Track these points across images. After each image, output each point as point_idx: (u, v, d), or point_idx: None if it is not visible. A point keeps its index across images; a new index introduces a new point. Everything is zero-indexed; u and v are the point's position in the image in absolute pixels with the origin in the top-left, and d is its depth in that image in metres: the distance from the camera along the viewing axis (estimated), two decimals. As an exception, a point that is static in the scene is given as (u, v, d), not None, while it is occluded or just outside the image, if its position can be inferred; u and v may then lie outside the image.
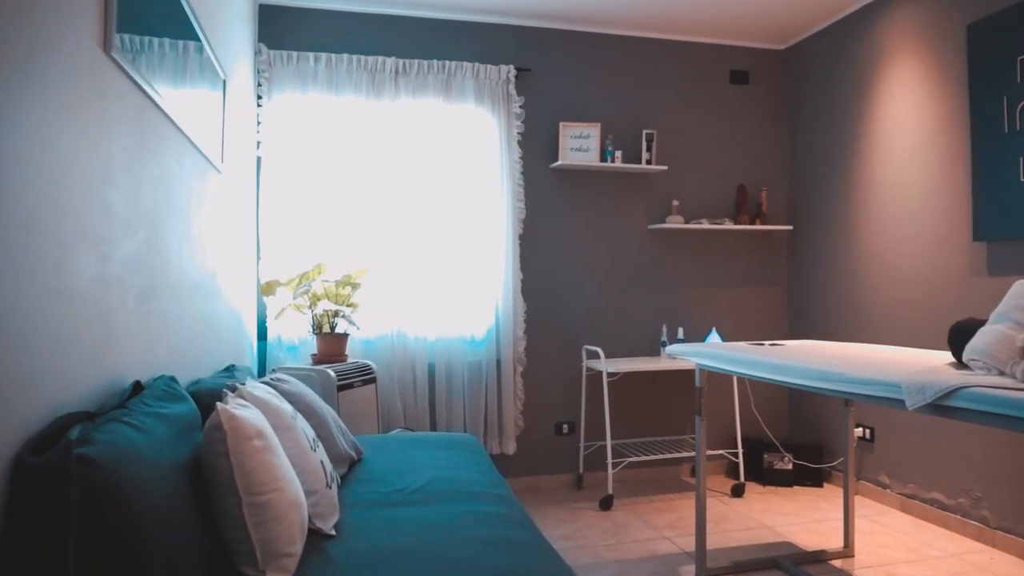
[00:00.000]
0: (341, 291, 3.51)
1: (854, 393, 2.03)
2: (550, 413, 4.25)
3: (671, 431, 4.46)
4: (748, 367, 2.51)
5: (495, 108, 4.08)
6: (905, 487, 3.72)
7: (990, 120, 3.20)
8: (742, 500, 3.97)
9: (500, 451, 4.04)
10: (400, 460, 2.41)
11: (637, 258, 4.41)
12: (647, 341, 4.42)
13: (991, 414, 1.67)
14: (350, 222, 3.86)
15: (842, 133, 4.18)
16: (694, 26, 4.33)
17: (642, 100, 4.43)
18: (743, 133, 4.62)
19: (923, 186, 3.62)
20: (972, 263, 3.35)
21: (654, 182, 4.45)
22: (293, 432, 1.67)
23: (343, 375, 3.22)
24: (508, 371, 4.05)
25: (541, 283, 4.24)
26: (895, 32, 3.78)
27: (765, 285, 4.65)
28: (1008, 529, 3.17)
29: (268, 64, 3.74)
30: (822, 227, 4.36)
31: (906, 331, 3.72)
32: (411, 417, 3.88)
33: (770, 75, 4.68)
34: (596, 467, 4.30)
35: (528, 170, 4.21)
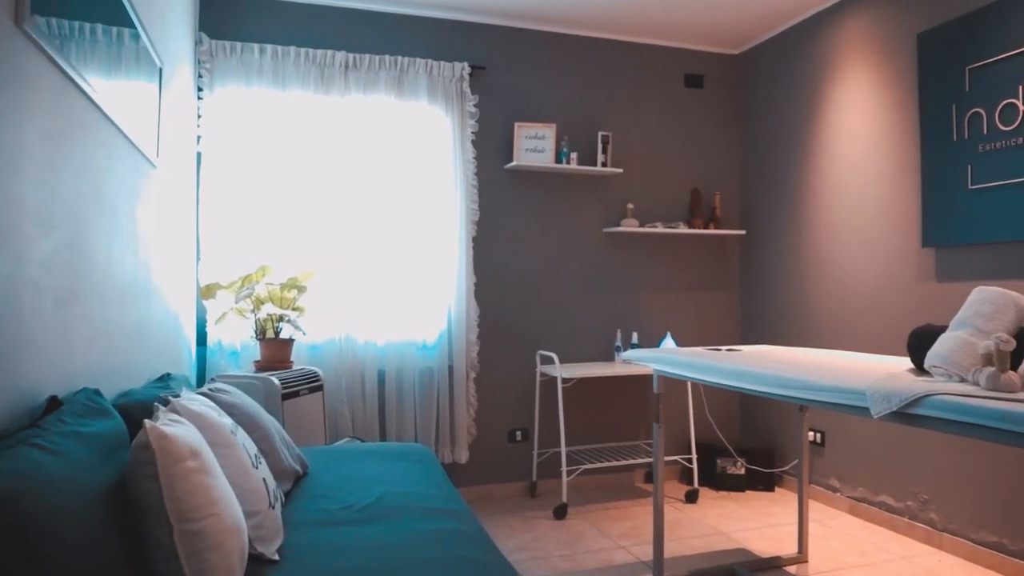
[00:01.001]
0: (286, 294, 3.35)
1: (818, 401, 2.00)
2: (503, 420, 4.16)
3: (625, 436, 4.42)
4: (709, 374, 2.46)
5: (448, 106, 3.97)
6: (855, 490, 3.75)
7: (939, 128, 3.25)
8: (696, 506, 3.95)
9: (452, 460, 3.93)
10: (349, 473, 2.28)
11: (592, 261, 4.36)
12: (601, 346, 4.37)
13: (956, 422, 1.64)
14: (296, 223, 3.70)
15: (794, 139, 4.22)
16: (650, 28, 4.31)
17: (598, 101, 4.38)
18: (697, 137, 4.62)
19: (874, 192, 3.66)
20: (921, 269, 3.39)
21: (609, 185, 4.40)
22: (233, 449, 1.54)
23: (288, 383, 3.06)
24: (461, 377, 3.95)
25: (495, 286, 4.15)
26: (847, 39, 3.82)
27: (718, 290, 4.65)
28: (954, 531, 3.21)
29: (210, 55, 3.55)
30: (774, 232, 4.39)
31: (856, 336, 3.76)
32: (360, 426, 3.74)
33: (724, 79, 4.69)
34: (550, 474, 4.22)
35: (482, 171, 4.11)
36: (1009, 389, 1.68)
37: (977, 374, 1.78)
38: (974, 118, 3.09)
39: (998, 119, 2.99)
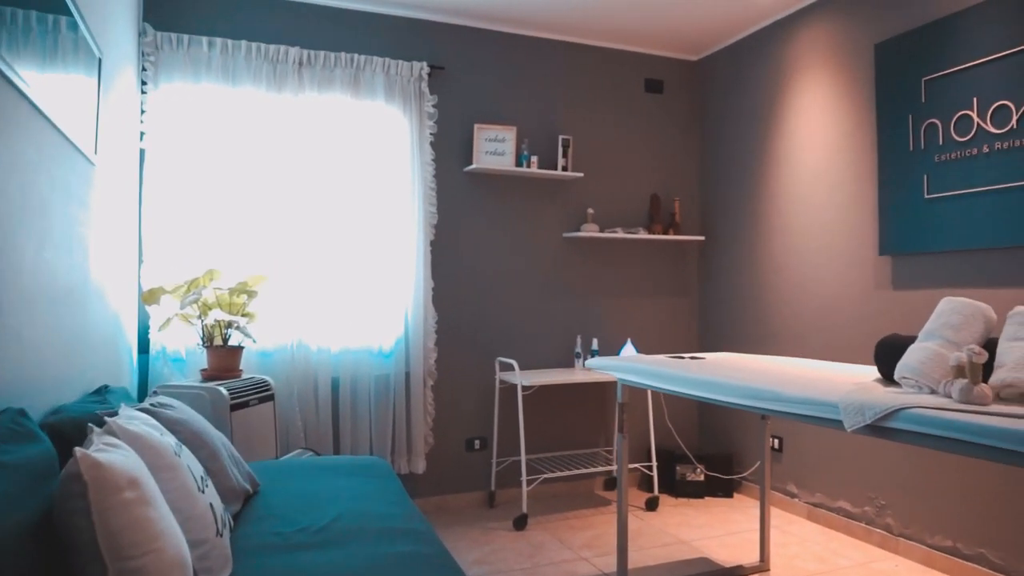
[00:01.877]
0: (235, 299, 3.20)
1: (790, 413, 1.97)
2: (462, 429, 4.06)
3: (584, 444, 4.36)
4: (677, 384, 2.42)
5: (407, 107, 3.86)
6: (813, 496, 3.77)
7: (896, 138, 3.29)
8: (656, 514, 3.92)
9: (409, 470, 3.81)
10: (303, 491, 2.15)
11: (552, 267, 4.30)
12: (561, 352, 4.31)
13: (931, 436, 1.62)
14: (247, 225, 3.54)
15: (753, 146, 4.23)
16: (611, 32, 4.28)
17: (559, 104, 4.33)
18: (657, 142, 4.61)
19: (831, 200, 3.69)
20: (877, 277, 3.43)
21: (570, 189, 4.35)
22: (177, 472, 1.41)
23: (237, 393, 2.91)
24: (418, 385, 3.84)
25: (454, 292, 4.05)
26: (805, 48, 3.85)
27: (677, 295, 4.64)
28: (910, 536, 3.25)
29: (155, 47, 3.37)
30: (733, 238, 4.40)
31: (814, 342, 3.78)
32: (312, 436, 3.60)
33: (684, 85, 4.69)
34: (508, 483, 4.14)
35: (441, 173, 4.01)
36: (981, 402, 1.67)
37: (948, 386, 1.76)
38: (930, 129, 3.13)
39: (953, 130, 3.03)
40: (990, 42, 2.89)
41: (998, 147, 2.86)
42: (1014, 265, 2.84)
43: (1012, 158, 2.81)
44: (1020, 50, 2.78)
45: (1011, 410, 1.59)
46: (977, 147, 2.94)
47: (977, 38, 2.94)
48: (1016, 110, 2.79)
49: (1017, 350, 1.74)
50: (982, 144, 2.92)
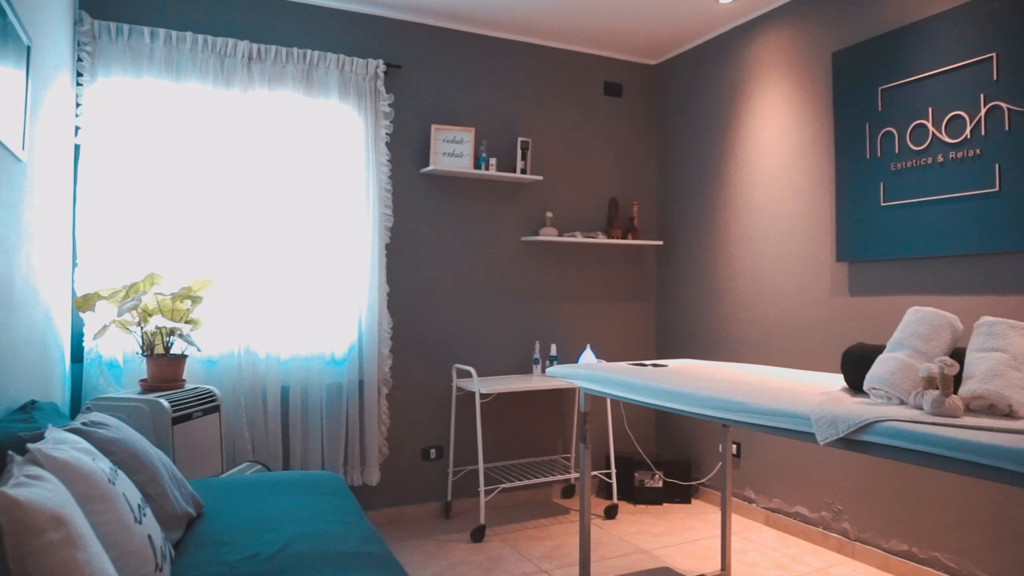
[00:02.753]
0: (179, 305, 3.02)
1: (759, 425, 1.93)
2: (417, 438, 3.94)
3: (542, 451, 4.30)
4: (643, 394, 2.36)
5: (361, 105, 3.74)
6: (770, 501, 3.78)
7: (853, 146, 3.31)
8: (616, 522, 3.87)
9: (363, 482, 3.68)
10: (251, 512, 2.02)
11: (510, 271, 4.22)
12: (519, 358, 4.23)
13: (905, 450, 1.59)
14: (191, 227, 3.36)
15: (711, 151, 4.23)
16: (570, 34, 4.22)
17: (517, 106, 4.25)
18: (616, 146, 4.58)
19: (789, 207, 3.70)
20: (835, 283, 3.45)
21: (528, 192, 4.28)
22: (111, 503, 1.28)
23: (180, 404, 2.74)
24: (372, 393, 3.71)
25: (409, 296, 3.93)
26: (764, 55, 3.86)
27: (636, 300, 4.62)
28: (866, 540, 3.27)
29: (92, 36, 3.17)
30: (691, 243, 4.39)
31: (771, 349, 3.79)
32: (261, 448, 3.44)
33: (642, 89, 4.67)
34: (465, 493, 4.04)
35: (397, 174, 3.89)
36: (953, 413, 1.65)
37: (919, 397, 1.75)
38: (886, 137, 3.16)
39: (909, 139, 3.06)
40: (945, 54, 2.93)
41: (952, 157, 2.90)
42: (967, 273, 2.88)
43: (965, 168, 2.85)
44: (973, 62, 2.82)
45: (982, 422, 1.58)
46: (932, 156, 2.97)
47: (932, 49, 2.97)
48: (970, 121, 2.83)
49: (985, 361, 1.73)
50: (937, 153, 2.95)
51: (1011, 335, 1.76)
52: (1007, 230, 2.72)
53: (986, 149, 2.78)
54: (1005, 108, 2.72)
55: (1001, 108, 2.73)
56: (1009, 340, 1.75)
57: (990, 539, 2.80)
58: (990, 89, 2.77)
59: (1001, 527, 2.76)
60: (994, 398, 1.66)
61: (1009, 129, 2.71)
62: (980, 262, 2.84)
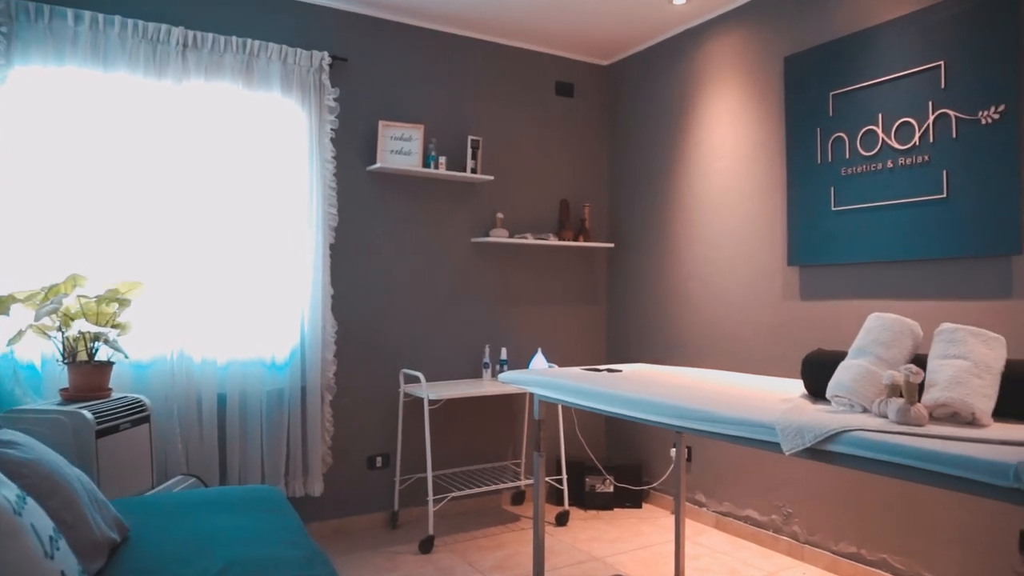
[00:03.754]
0: (104, 309, 2.81)
1: (723, 434, 1.87)
2: (363, 446, 3.79)
3: (491, 457, 4.20)
4: (601, 402, 2.29)
5: (305, 99, 3.57)
6: (721, 505, 3.77)
7: (805, 150, 3.32)
8: (567, 528, 3.81)
9: (305, 493, 3.51)
10: (182, 535, 1.86)
11: (460, 273, 4.11)
12: (469, 362, 4.12)
13: (873, 460, 1.56)
14: (120, 226, 3.14)
15: (663, 153, 4.21)
16: (522, 32, 4.14)
17: (468, 104, 4.15)
18: (568, 146, 4.52)
19: (741, 210, 3.70)
20: (786, 287, 3.46)
21: (479, 192, 4.18)
22: (16, 538, 1.13)
23: (105, 416, 2.55)
24: (315, 400, 3.54)
25: (355, 299, 3.78)
26: (716, 58, 3.85)
27: (587, 304, 4.57)
28: (816, 543, 3.28)
29: (8, 16, 2.93)
30: (642, 246, 4.37)
31: (723, 352, 3.78)
32: (196, 460, 3.24)
33: (594, 89, 4.63)
34: (412, 502, 3.91)
35: (342, 172, 3.74)
36: (918, 422, 1.62)
37: (883, 405, 1.72)
38: (837, 142, 3.18)
39: (859, 145, 3.08)
40: (894, 61, 2.95)
41: (902, 163, 2.93)
42: (916, 278, 2.91)
43: (914, 174, 2.88)
44: (922, 70, 2.85)
45: (947, 430, 1.56)
46: (882, 162, 3.00)
47: (882, 56, 3.00)
48: (918, 127, 2.86)
49: (948, 368, 1.72)
50: (887, 159, 2.98)
51: (972, 342, 1.75)
52: (955, 236, 2.75)
53: (934, 156, 2.82)
54: (952, 116, 2.75)
55: (949, 116, 2.77)
56: (970, 347, 1.73)
57: (936, 540, 2.83)
58: (938, 97, 2.81)
59: (946, 528, 2.80)
60: (958, 406, 1.64)
61: (956, 137, 2.75)
62: (928, 267, 2.87)
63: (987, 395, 1.66)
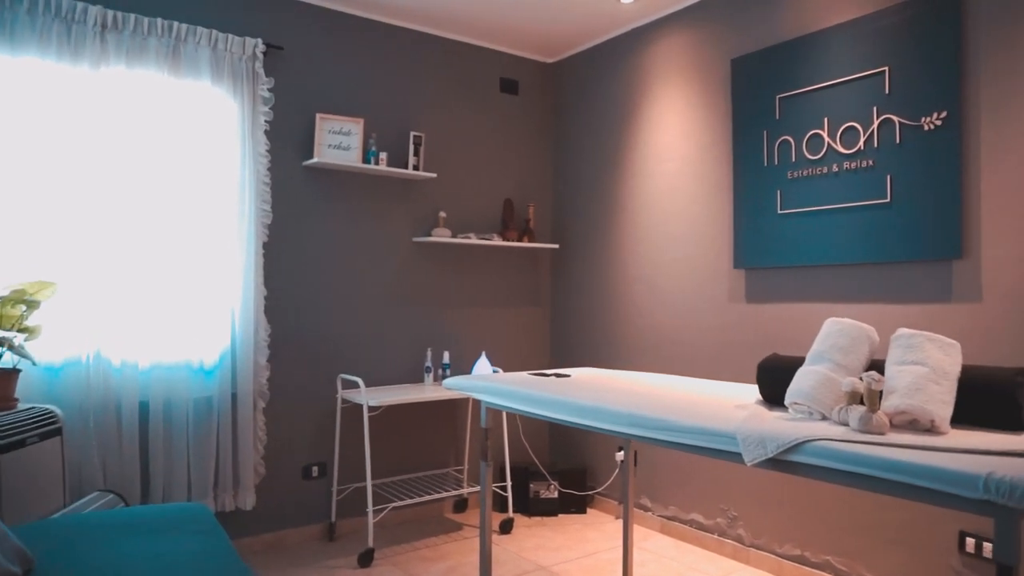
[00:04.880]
0: (9, 311, 2.56)
1: (680, 444, 1.81)
2: (298, 455, 3.61)
3: (433, 464, 4.07)
4: (553, 410, 2.20)
5: (237, 89, 3.36)
6: (666, 509, 3.75)
7: (751, 153, 3.32)
8: (511, 537, 3.71)
9: (235, 507, 3.31)
10: (96, 565, 1.68)
11: (401, 274, 3.96)
12: (410, 366, 3.98)
13: (836, 470, 1.51)
14: (28, 222, 2.88)
15: (608, 153, 4.17)
16: (466, 26, 4.03)
17: (411, 98, 4.00)
18: (512, 145, 4.43)
19: (687, 212, 3.68)
20: (732, 290, 3.45)
21: (421, 190, 4.04)
22: None
23: (9, 430, 2.31)
24: (247, 407, 3.34)
25: (290, 300, 3.59)
26: (663, 58, 3.83)
27: (531, 305, 4.49)
28: (761, 546, 3.29)
29: None
30: (587, 247, 4.31)
31: (669, 355, 3.76)
32: (115, 475, 3.00)
33: (539, 87, 4.55)
34: (350, 513, 3.75)
35: (277, 167, 3.54)
36: (880, 430, 1.59)
37: (844, 413, 1.68)
38: (784, 145, 3.19)
39: (806, 148, 3.09)
40: (840, 65, 2.97)
41: (847, 167, 2.95)
42: (861, 282, 2.94)
43: (859, 178, 2.91)
44: (867, 75, 2.87)
45: (906, 439, 1.53)
46: (827, 166, 3.01)
47: (828, 61, 3.01)
48: (863, 132, 2.89)
49: (907, 375, 1.69)
50: (832, 163, 3.00)
51: (929, 348, 1.73)
52: (898, 241, 2.78)
53: (879, 161, 2.84)
54: (896, 121, 2.78)
55: (892, 121, 2.80)
56: (927, 353, 1.72)
57: (878, 541, 2.86)
58: (882, 102, 2.83)
59: (888, 529, 2.83)
60: (917, 413, 1.62)
61: (900, 142, 2.78)
62: (873, 271, 2.90)
63: (946, 402, 1.64)
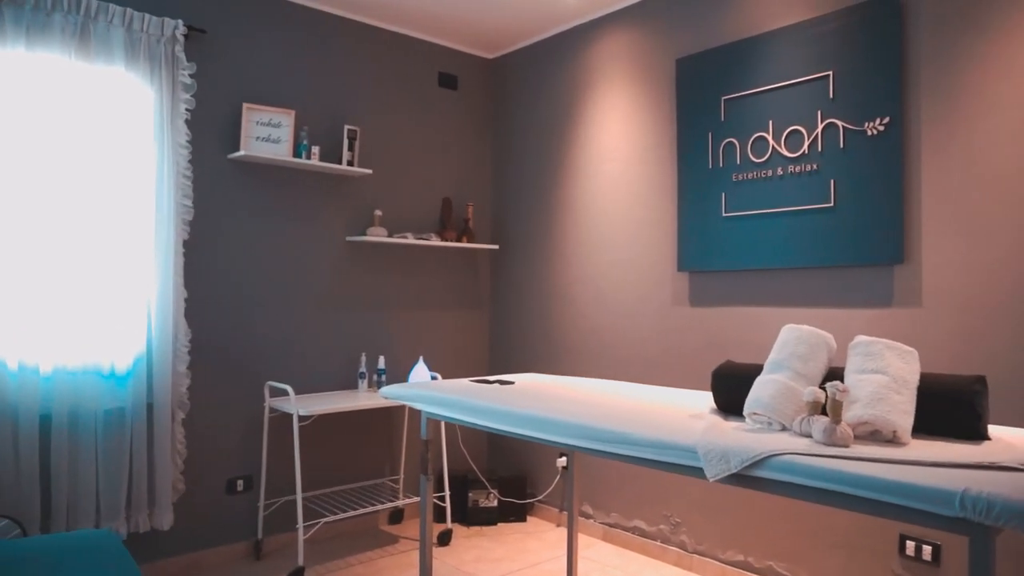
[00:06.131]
0: None
1: (637, 458, 1.71)
2: (221, 468, 3.37)
3: (367, 474, 3.88)
4: (499, 421, 2.07)
5: (154, 74, 3.10)
6: (608, 516, 3.68)
7: (696, 154, 3.28)
8: (450, 548, 3.57)
9: (151, 527, 3.05)
10: (-21, 611, 1.46)
11: (333, 275, 3.76)
12: (343, 372, 3.79)
13: (802, 486, 1.44)
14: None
15: (550, 153, 4.07)
16: (404, 17, 3.86)
17: (345, 90, 3.81)
18: (451, 142, 4.28)
19: (631, 214, 3.62)
20: (676, 293, 3.41)
21: (356, 187, 3.85)
22: None
23: None
24: (164, 418, 3.09)
25: (213, 303, 3.35)
26: (607, 57, 3.76)
27: (470, 308, 4.35)
28: (704, 552, 3.25)
29: None
30: (528, 248, 4.21)
31: (611, 358, 3.69)
32: (10, 498, 2.70)
33: (479, 84, 4.42)
34: (279, 529, 3.53)
35: (199, 159, 3.29)
36: (844, 443, 1.53)
37: (806, 424, 1.62)
38: (728, 148, 3.16)
39: (751, 151, 3.07)
40: (785, 68, 2.96)
41: (791, 171, 2.93)
42: (805, 286, 2.93)
43: (803, 182, 2.89)
44: (812, 79, 2.86)
45: (875, 452, 1.47)
46: (772, 169, 2.99)
47: (774, 63, 2.99)
48: (808, 136, 2.88)
49: (868, 384, 1.65)
50: (777, 166, 2.98)
51: (888, 356, 1.69)
52: (841, 245, 2.78)
53: (823, 165, 2.83)
54: (840, 126, 2.78)
55: (837, 125, 2.79)
56: (887, 361, 1.68)
57: (819, 545, 2.85)
58: (827, 107, 2.83)
59: (830, 533, 2.82)
60: (880, 424, 1.57)
61: (844, 147, 2.77)
62: (817, 275, 2.89)
63: (907, 412, 1.60)
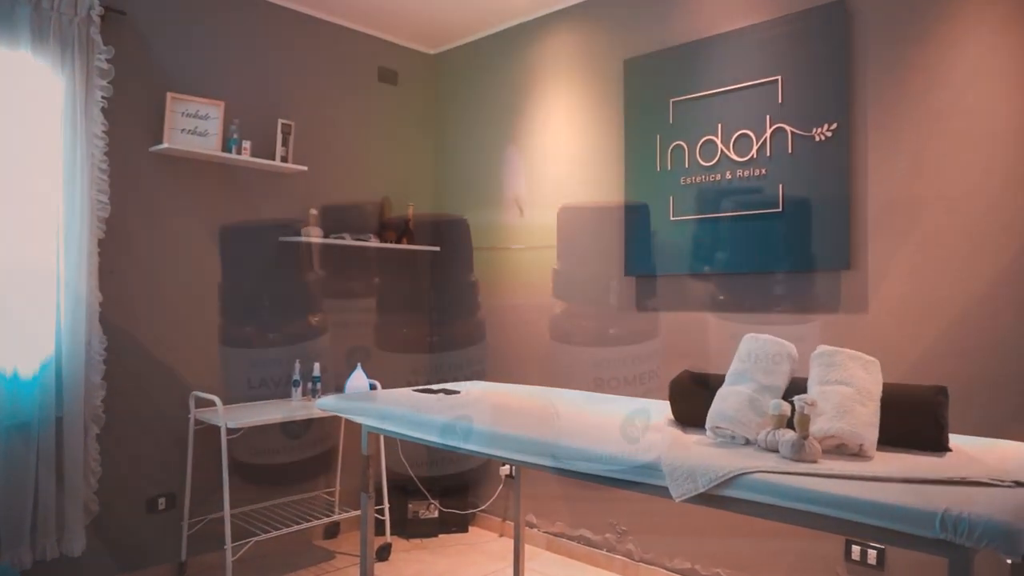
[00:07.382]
0: None
1: (596, 475, 1.62)
2: (141, 486, 3.12)
3: (300, 488, 3.68)
4: (449, 437, 1.95)
5: (66, 58, 2.84)
6: (553, 525, 3.59)
7: (644, 156, 3.23)
8: (389, 564, 3.42)
9: (60, 554, 2.79)
10: None
11: (265, 277, 3.55)
12: (275, 380, 3.58)
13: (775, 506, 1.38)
14: None
15: (492, 152, 3.96)
16: (342, 8, 3.68)
17: (279, 83, 3.60)
18: (391, 140, 4.12)
19: (577, 216, 3.54)
20: (623, 298, 3.35)
21: (290, 185, 3.65)
22: None
23: None
24: (76, 434, 2.83)
25: (132, 307, 3.09)
26: (553, 55, 3.67)
27: (409, 311, 4.19)
28: (650, 561, 3.20)
29: None
30: (470, 250, 4.08)
31: (556, 364, 3.60)
32: None
33: (420, 80, 4.27)
34: (205, 548, 3.29)
35: (117, 152, 3.04)
36: (813, 458, 1.48)
37: (771, 438, 1.56)
38: (677, 150, 3.12)
39: (699, 154, 3.04)
40: (734, 72, 2.93)
41: (740, 175, 2.91)
42: (753, 291, 2.91)
43: (752, 187, 2.88)
44: (760, 83, 2.85)
45: (844, 468, 1.42)
46: (721, 173, 2.97)
47: (722, 66, 2.97)
48: (756, 140, 2.86)
49: (832, 396, 1.60)
50: (725, 170, 2.95)
51: (851, 366, 1.65)
52: (788, 250, 2.77)
53: (771, 170, 2.82)
54: (789, 131, 2.77)
55: (785, 130, 2.78)
56: (851, 372, 1.64)
57: (766, 551, 2.84)
58: (775, 111, 2.81)
59: (776, 539, 2.81)
60: (847, 437, 1.53)
61: (792, 152, 2.76)
62: (765, 281, 2.88)
63: (872, 424, 1.56)
